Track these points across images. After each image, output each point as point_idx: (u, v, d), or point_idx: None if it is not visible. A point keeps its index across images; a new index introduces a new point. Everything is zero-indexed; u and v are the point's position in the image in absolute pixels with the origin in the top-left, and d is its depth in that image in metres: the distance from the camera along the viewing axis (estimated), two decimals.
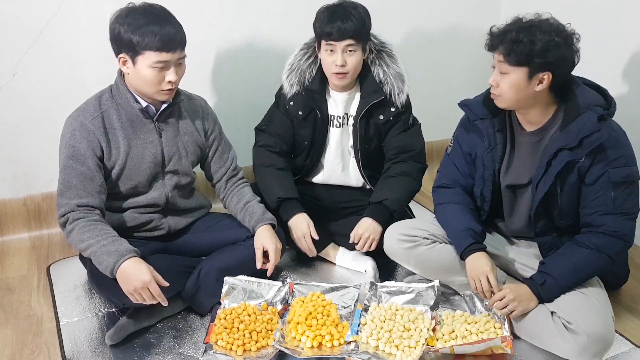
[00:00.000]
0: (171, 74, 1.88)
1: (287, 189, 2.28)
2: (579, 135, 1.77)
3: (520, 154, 1.96)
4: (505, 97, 1.83)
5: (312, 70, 2.28)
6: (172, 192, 2.08)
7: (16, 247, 2.51)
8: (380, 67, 2.25)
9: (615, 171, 1.80)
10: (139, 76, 1.87)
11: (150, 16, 1.84)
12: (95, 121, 1.93)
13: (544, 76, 1.76)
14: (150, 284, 1.79)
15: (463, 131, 2.08)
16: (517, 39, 1.73)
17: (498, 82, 1.82)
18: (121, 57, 1.88)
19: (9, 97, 2.41)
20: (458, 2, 3.06)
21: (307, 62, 2.28)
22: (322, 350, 1.83)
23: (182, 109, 2.07)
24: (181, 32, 1.89)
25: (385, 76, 2.25)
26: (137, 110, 1.95)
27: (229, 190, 2.20)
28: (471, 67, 3.05)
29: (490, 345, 1.81)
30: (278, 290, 2.06)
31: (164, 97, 1.94)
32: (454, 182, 2.10)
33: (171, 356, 1.86)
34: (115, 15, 1.87)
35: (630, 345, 1.94)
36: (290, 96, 2.29)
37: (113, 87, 1.99)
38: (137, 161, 1.99)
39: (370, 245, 2.21)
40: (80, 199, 1.89)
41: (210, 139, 2.16)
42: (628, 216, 1.84)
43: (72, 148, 1.91)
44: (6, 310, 2.11)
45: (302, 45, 2.31)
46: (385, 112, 2.28)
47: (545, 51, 1.72)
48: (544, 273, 1.87)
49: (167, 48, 1.84)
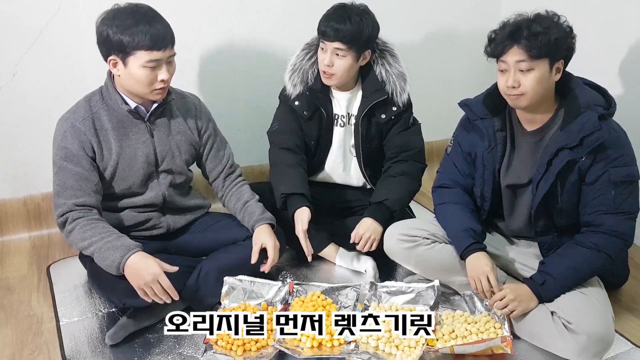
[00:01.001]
0: (163, 72, 1.88)
1: (292, 184, 2.21)
2: (580, 134, 1.77)
3: (520, 154, 1.96)
4: (530, 95, 1.79)
5: (314, 70, 2.27)
6: (169, 191, 2.08)
7: (16, 247, 2.51)
8: (383, 66, 2.25)
9: (615, 170, 1.80)
10: (131, 77, 1.87)
11: (138, 16, 1.83)
12: (86, 122, 1.92)
13: (559, 64, 1.78)
14: (161, 276, 1.79)
15: (463, 131, 2.08)
16: (537, 31, 1.72)
17: (520, 81, 1.78)
18: (111, 60, 1.87)
19: (9, 97, 2.41)
20: (458, 2, 3.06)
21: (310, 61, 2.27)
22: (322, 350, 1.83)
23: (174, 107, 2.07)
24: (170, 29, 1.88)
25: (387, 75, 2.25)
26: (126, 111, 1.95)
27: (227, 188, 2.20)
28: (471, 67, 3.05)
29: (490, 345, 1.81)
30: (278, 290, 2.06)
31: (156, 96, 1.93)
32: (453, 182, 2.10)
33: (171, 356, 1.86)
34: (101, 18, 1.86)
35: (630, 345, 1.94)
36: (295, 96, 2.28)
37: (103, 89, 1.98)
38: (129, 162, 1.99)
39: (371, 245, 2.21)
40: (77, 198, 1.89)
41: (204, 137, 2.15)
42: (628, 216, 1.84)
43: (65, 149, 1.91)
44: (6, 310, 2.11)
45: (304, 46, 2.31)
46: (387, 111, 2.28)
47: (564, 37, 1.75)
48: (544, 273, 1.87)
49: (158, 46, 1.83)
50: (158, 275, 1.78)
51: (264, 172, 2.77)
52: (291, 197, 2.20)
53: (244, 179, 2.26)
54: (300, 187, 2.21)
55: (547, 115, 1.87)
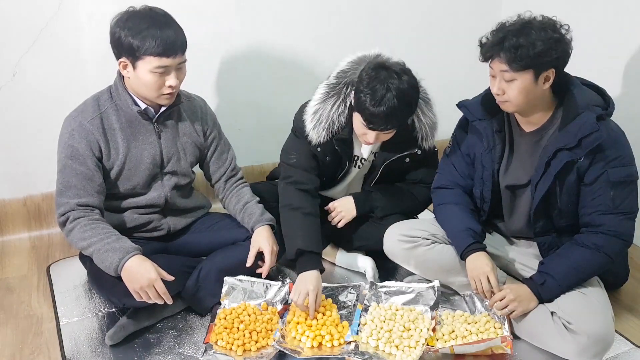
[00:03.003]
0: (172, 78, 1.87)
1: (310, 240, 2.05)
2: (578, 135, 1.77)
3: (519, 155, 1.96)
4: (514, 103, 1.80)
5: (341, 120, 2.06)
6: (171, 193, 2.08)
7: (16, 247, 2.51)
8: (416, 115, 2.06)
9: (614, 171, 1.80)
10: (140, 80, 1.87)
11: (151, 20, 1.83)
12: (94, 122, 1.92)
13: (549, 74, 1.76)
14: (157, 282, 1.78)
15: (461, 132, 2.08)
16: (518, 44, 1.71)
17: (504, 89, 1.79)
18: (121, 61, 1.87)
19: (9, 97, 2.40)
20: (458, 2, 3.06)
21: (337, 111, 2.04)
22: (322, 350, 1.83)
23: (182, 110, 2.07)
24: (182, 36, 1.87)
25: (420, 125, 2.09)
26: (136, 112, 1.95)
27: (228, 190, 2.20)
28: (471, 67, 3.03)
29: (490, 345, 1.81)
30: (278, 290, 2.06)
31: (164, 101, 1.94)
32: (452, 183, 2.10)
33: (171, 356, 1.86)
34: (115, 19, 1.86)
35: (630, 345, 1.94)
36: (317, 144, 2.09)
37: (112, 88, 1.98)
38: (135, 162, 1.99)
39: (338, 222, 2.23)
40: (80, 198, 1.89)
41: (209, 139, 2.15)
42: (627, 216, 1.84)
43: (71, 148, 1.90)
44: (6, 310, 2.11)
45: (328, 89, 2.05)
46: (411, 156, 2.17)
47: (548, 50, 1.71)
48: (544, 273, 1.87)
49: (168, 53, 1.82)
50: (154, 281, 1.78)
51: (264, 172, 2.77)
52: (307, 254, 2.03)
53: (245, 181, 2.26)
54: (317, 246, 2.07)
55: (545, 116, 1.87)
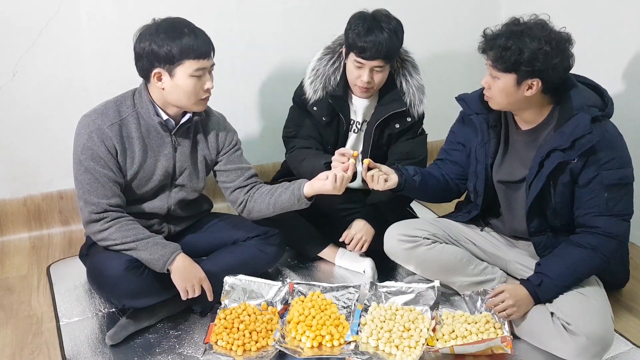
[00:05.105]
0: (208, 81, 1.90)
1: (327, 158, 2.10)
2: (571, 137, 1.76)
3: (514, 151, 1.96)
4: (496, 100, 1.85)
5: (336, 76, 2.22)
6: (175, 206, 2.07)
7: (16, 247, 2.51)
8: (404, 77, 2.22)
9: (607, 174, 1.80)
10: (178, 88, 1.86)
11: (181, 27, 1.85)
12: (113, 128, 1.90)
13: (532, 82, 1.76)
14: (204, 281, 1.93)
15: (460, 123, 2.11)
16: (506, 46, 1.73)
17: (490, 84, 1.83)
18: (156, 73, 1.85)
19: (9, 97, 2.41)
20: (458, 2, 3.06)
21: (332, 67, 2.22)
22: (322, 350, 1.83)
23: (199, 124, 2.06)
24: (209, 38, 1.91)
25: (407, 86, 2.22)
26: (157, 123, 1.94)
27: (250, 196, 2.11)
28: (470, 67, 3.05)
29: (490, 346, 1.81)
30: (278, 290, 2.06)
31: (201, 106, 1.95)
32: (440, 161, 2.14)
33: (171, 356, 1.86)
34: (138, 35, 1.86)
35: (630, 345, 1.94)
36: (314, 101, 2.24)
37: (136, 96, 1.96)
38: (149, 173, 1.98)
39: (362, 246, 2.24)
40: (109, 199, 1.90)
41: (225, 154, 2.11)
42: (622, 217, 1.85)
43: (91, 150, 1.88)
44: (6, 310, 2.11)
45: (325, 50, 2.25)
46: (401, 122, 2.26)
47: (533, 60, 1.71)
48: (541, 274, 1.87)
49: (205, 55, 1.86)
50: (204, 280, 1.93)
51: (264, 173, 2.77)
52: None
53: (261, 181, 2.19)
54: None
55: (540, 116, 1.87)
